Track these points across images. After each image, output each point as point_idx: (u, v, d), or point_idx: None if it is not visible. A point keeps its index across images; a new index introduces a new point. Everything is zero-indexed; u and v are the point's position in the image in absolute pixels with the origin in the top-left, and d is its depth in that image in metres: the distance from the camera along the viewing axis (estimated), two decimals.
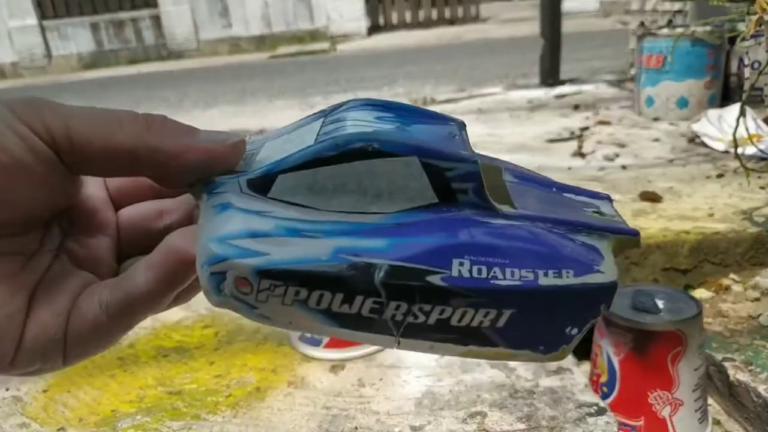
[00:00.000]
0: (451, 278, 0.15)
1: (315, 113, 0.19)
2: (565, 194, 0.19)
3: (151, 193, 0.20)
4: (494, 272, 0.15)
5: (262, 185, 0.16)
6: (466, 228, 0.15)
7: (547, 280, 0.15)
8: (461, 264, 0.15)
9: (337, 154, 0.16)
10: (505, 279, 0.15)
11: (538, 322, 0.16)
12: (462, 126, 0.18)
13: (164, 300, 0.17)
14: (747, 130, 0.72)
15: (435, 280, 0.15)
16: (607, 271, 0.16)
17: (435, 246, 0.15)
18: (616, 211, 0.18)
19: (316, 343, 0.52)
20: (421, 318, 0.15)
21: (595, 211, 0.18)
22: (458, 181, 0.16)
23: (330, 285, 0.15)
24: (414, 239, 0.15)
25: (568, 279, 0.15)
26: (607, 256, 0.16)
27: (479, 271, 0.15)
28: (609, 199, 0.19)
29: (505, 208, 0.16)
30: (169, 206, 0.20)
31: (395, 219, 0.15)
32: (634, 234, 0.17)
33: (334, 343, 0.52)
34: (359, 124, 0.17)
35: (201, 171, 0.17)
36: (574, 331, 0.16)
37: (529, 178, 0.18)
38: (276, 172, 0.16)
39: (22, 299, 0.16)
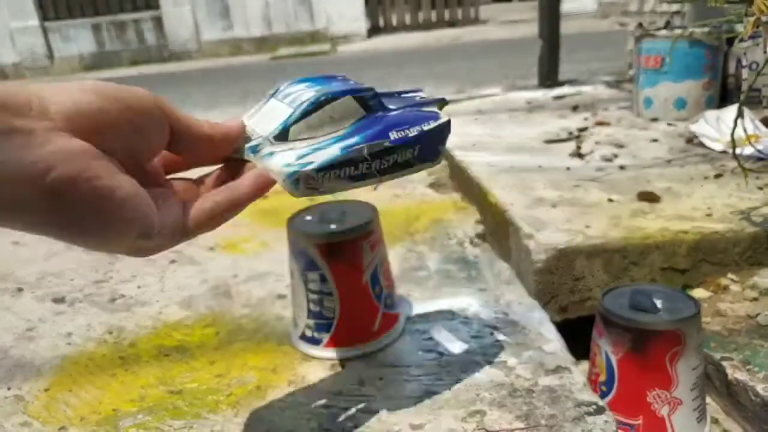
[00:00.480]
0: (392, 140, 0.33)
1: (264, 99, 0.36)
2: (403, 95, 0.38)
3: (182, 165, 0.33)
4: (407, 132, 0.33)
5: (282, 136, 0.32)
6: (385, 120, 0.34)
7: (427, 126, 0.34)
8: (392, 133, 0.33)
9: (314, 107, 0.32)
10: (412, 133, 0.34)
11: (428, 147, 0.35)
12: (346, 77, 0.35)
13: (248, 203, 0.31)
14: (745, 130, 0.73)
15: (386, 143, 0.33)
16: (443, 118, 0.35)
17: (379, 130, 0.33)
18: (426, 95, 0.38)
19: (316, 343, 0.52)
20: (388, 164, 0.33)
21: (421, 96, 0.37)
22: (370, 100, 0.33)
23: (348, 164, 0.31)
24: (369, 131, 0.32)
25: (433, 124, 0.35)
26: (440, 112, 0.36)
27: (400, 134, 0.33)
28: (422, 90, 0.39)
29: (391, 109, 0.34)
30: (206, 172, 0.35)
31: (353, 127, 0.32)
32: (443, 99, 0.37)
33: (334, 342, 0.52)
34: (307, 90, 0.33)
35: (239, 142, 0.32)
36: (441, 147, 0.36)
37: (386, 94, 0.36)
38: (287, 126, 0.32)
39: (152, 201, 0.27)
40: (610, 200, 0.82)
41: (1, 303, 0.71)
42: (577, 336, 0.64)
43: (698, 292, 0.69)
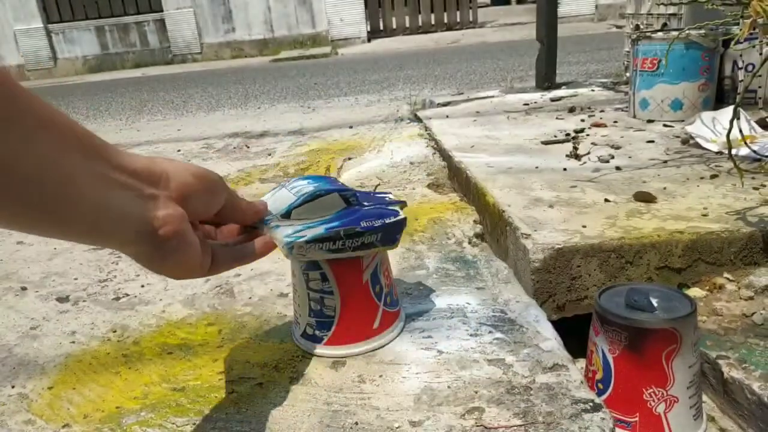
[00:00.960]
0: (361, 227, 0.47)
1: (275, 187, 0.51)
2: (376, 195, 0.54)
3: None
4: (373, 222, 0.48)
5: (286, 215, 0.47)
6: (360, 212, 0.49)
7: (388, 220, 0.49)
8: (363, 222, 0.48)
9: (311, 198, 0.47)
10: (377, 223, 0.48)
11: (388, 235, 0.49)
12: (336, 180, 0.52)
13: (255, 260, 0.46)
14: (741, 131, 0.74)
15: (358, 228, 0.47)
16: (401, 215, 0.51)
17: (353, 219, 0.48)
18: (394, 197, 0.54)
19: (317, 341, 0.53)
20: (357, 243, 0.48)
21: (389, 198, 0.53)
22: (351, 197, 0.49)
23: (328, 240, 0.46)
24: (346, 219, 0.47)
25: (393, 219, 0.50)
26: (400, 211, 0.52)
27: (368, 223, 0.48)
28: (391, 193, 0.59)
29: (365, 205, 0.50)
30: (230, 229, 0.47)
31: (336, 215, 0.48)
32: (404, 202, 0.54)
33: (335, 340, 0.53)
34: (308, 186, 0.48)
35: (261, 216, 0.47)
36: (398, 236, 0.51)
37: (364, 193, 0.52)
38: (291, 209, 0.47)
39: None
40: (607, 200, 0.83)
41: (5, 302, 0.72)
42: (574, 334, 0.65)
43: (694, 291, 0.70)
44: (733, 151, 0.73)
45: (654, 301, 0.54)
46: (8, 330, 0.64)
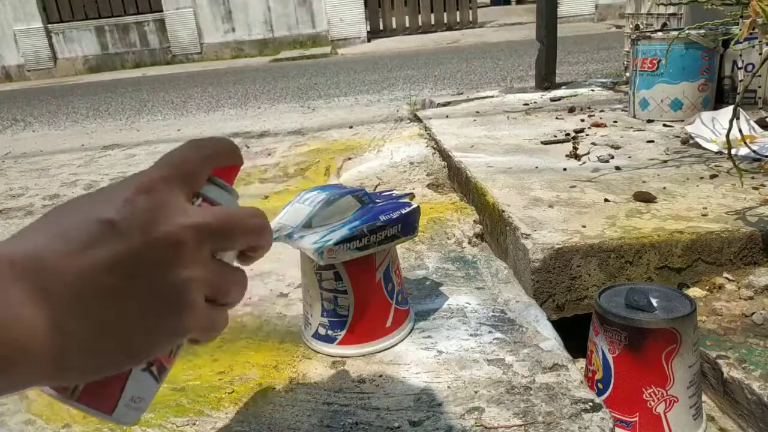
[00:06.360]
0: (382, 221, 0.51)
1: (287, 204, 0.54)
2: (383, 193, 0.58)
3: None
4: (391, 215, 0.51)
5: (307, 225, 0.50)
6: (376, 209, 0.52)
7: (404, 210, 0.53)
8: (381, 216, 0.51)
9: (327, 204, 0.51)
10: (395, 215, 0.52)
11: (408, 224, 0.53)
12: (344, 185, 0.66)
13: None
14: (740, 131, 0.74)
15: (379, 223, 0.50)
16: (414, 205, 0.55)
17: (372, 215, 0.51)
18: (401, 192, 0.59)
19: (330, 341, 0.53)
20: (381, 237, 0.50)
21: (399, 195, 0.57)
22: (363, 197, 0.53)
23: (354, 239, 0.49)
24: (366, 216, 0.51)
25: (408, 209, 0.53)
26: (411, 201, 0.56)
27: (387, 216, 0.51)
28: (395, 190, 0.69)
29: (377, 202, 0.55)
30: None
31: (354, 215, 0.51)
32: (411, 193, 0.59)
33: (348, 340, 0.52)
34: (320, 194, 0.52)
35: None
36: (417, 224, 0.55)
37: (373, 194, 0.56)
38: (311, 218, 0.50)
39: None
40: (607, 200, 0.83)
41: None
42: (573, 334, 0.65)
43: (694, 291, 0.70)
44: (733, 151, 0.73)
45: (654, 301, 0.54)
46: None
